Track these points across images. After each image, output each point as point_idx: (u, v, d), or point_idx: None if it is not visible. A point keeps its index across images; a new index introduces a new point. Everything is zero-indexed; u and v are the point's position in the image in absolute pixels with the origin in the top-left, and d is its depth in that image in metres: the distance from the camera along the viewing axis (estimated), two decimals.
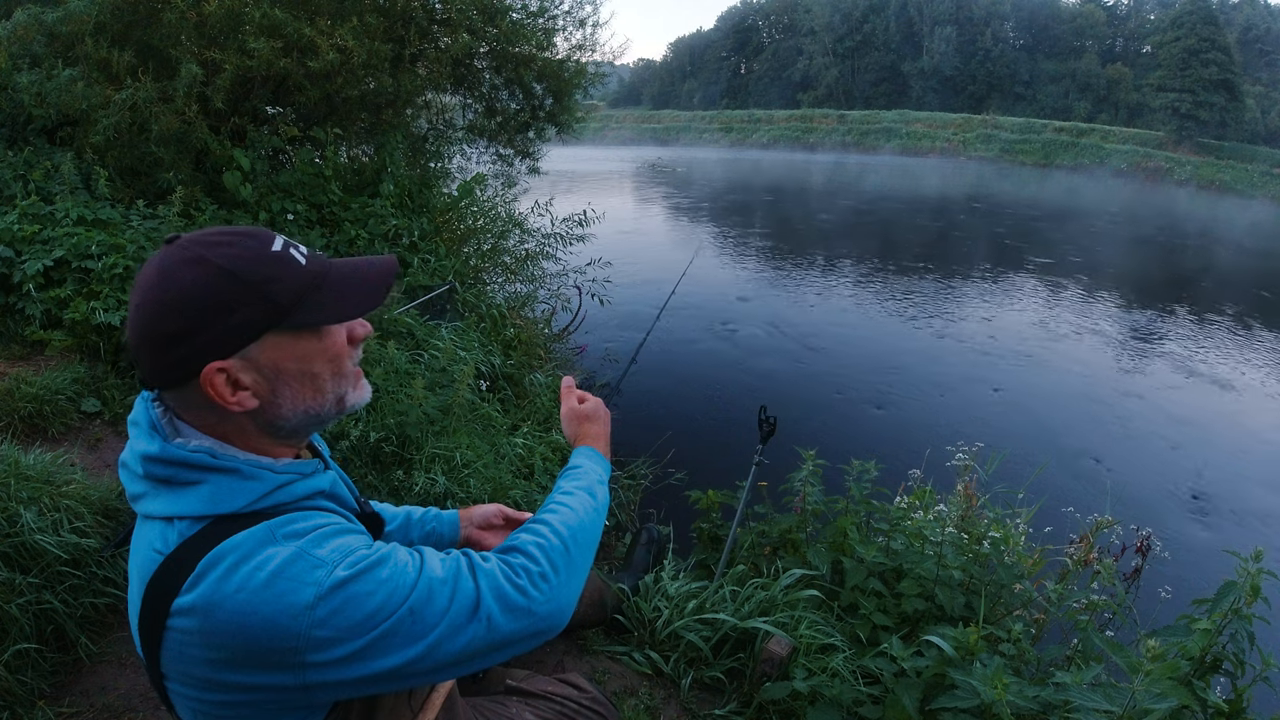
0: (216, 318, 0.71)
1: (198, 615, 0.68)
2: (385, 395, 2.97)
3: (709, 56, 69.01)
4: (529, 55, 5.12)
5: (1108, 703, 1.37)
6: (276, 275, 0.74)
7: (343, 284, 0.79)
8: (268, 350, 0.75)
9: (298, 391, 0.78)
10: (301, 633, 0.67)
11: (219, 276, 0.71)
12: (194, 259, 0.71)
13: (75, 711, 1.72)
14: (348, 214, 4.21)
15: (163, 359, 0.72)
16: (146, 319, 0.71)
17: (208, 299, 0.71)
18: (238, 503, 0.74)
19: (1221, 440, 5.51)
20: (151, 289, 0.71)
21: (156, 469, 0.74)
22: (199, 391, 0.74)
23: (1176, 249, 16.08)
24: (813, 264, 11.06)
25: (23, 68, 3.87)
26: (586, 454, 1.07)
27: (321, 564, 0.70)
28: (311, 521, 0.76)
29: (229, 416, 0.76)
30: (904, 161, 41.43)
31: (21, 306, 3.11)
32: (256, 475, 0.76)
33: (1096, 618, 2.09)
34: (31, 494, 1.94)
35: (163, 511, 0.74)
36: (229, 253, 0.72)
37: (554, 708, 1.27)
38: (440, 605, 0.73)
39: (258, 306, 0.73)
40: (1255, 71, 44.71)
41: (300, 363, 0.77)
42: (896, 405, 5.59)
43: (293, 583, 0.68)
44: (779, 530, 2.45)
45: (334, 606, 0.68)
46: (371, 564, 0.72)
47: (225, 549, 0.70)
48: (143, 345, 0.72)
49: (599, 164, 29.87)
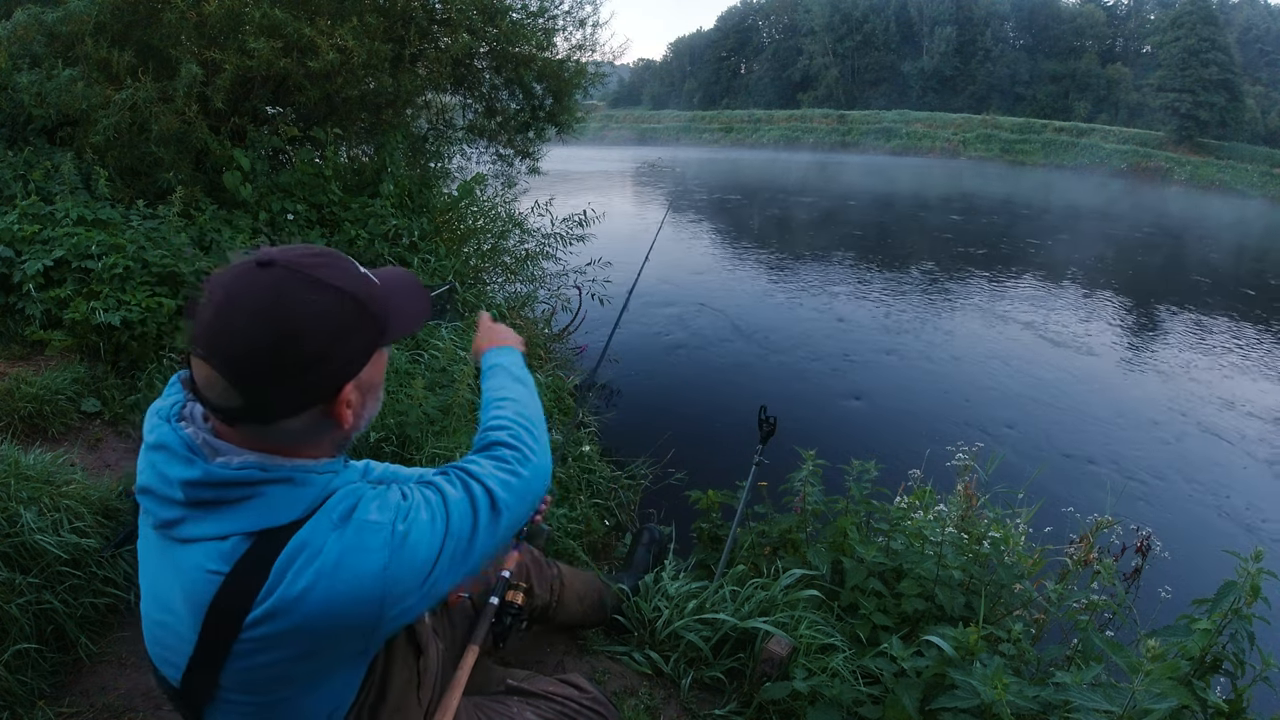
0: (347, 339, 0.73)
1: (279, 620, 0.69)
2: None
3: (709, 56, 68.95)
4: (529, 55, 5.12)
5: (1108, 703, 1.37)
6: (372, 295, 0.76)
7: (402, 298, 0.82)
8: (370, 368, 0.78)
9: (370, 404, 0.83)
10: (380, 596, 0.72)
11: (341, 299, 0.72)
12: (310, 282, 0.70)
13: (75, 711, 1.72)
14: (348, 214, 4.21)
15: (290, 387, 0.70)
16: (271, 344, 0.68)
17: (337, 321, 0.71)
18: (295, 512, 0.74)
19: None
20: (269, 314, 0.68)
21: (202, 493, 0.72)
22: (317, 415, 0.74)
23: (1111, 238, 16.45)
24: (826, 263, 11.03)
25: (23, 68, 3.87)
26: (497, 351, 1.21)
27: (379, 528, 0.74)
28: (350, 496, 0.78)
29: (321, 435, 0.78)
30: (898, 161, 41.40)
31: (21, 306, 3.11)
32: (308, 481, 0.76)
33: (1096, 618, 2.09)
34: (31, 494, 1.94)
35: (213, 533, 0.72)
36: (334, 274, 0.73)
37: (555, 708, 1.27)
38: (471, 520, 0.81)
39: (371, 326, 0.76)
40: (1255, 71, 44.69)
41: (379, 376, 0.83)
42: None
43: (361, 554, 0.72)
44: (779, 530, 2.45)
45: (402, 560, 0.73)
46: (413, 510, 0.77)
47: (292, 551, 0.71)
48: (262, 375, 0.69)
49: (599, 164, 29.87)
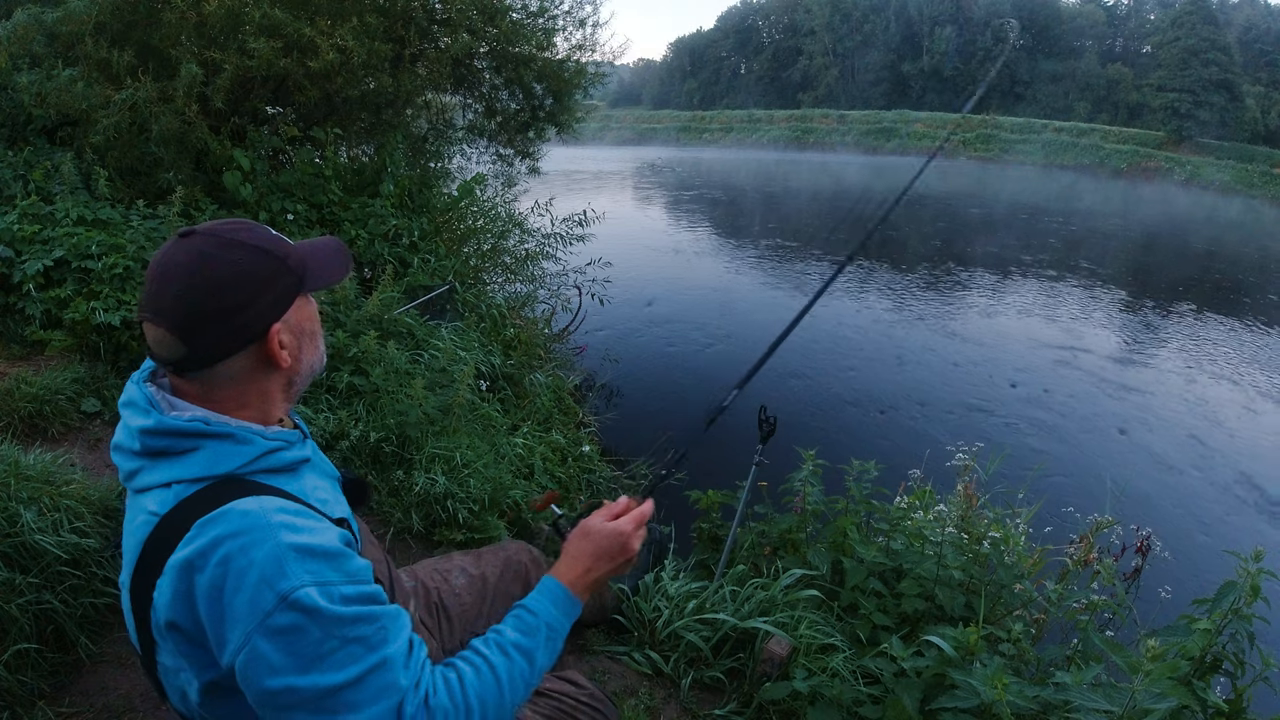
0: (267, 287, 0.82)
1: (190, 572, 0.71)
2: (385, 395, 2.97)
3: (709, 56, 68.96)
4: (529, 55, 5.11)
5: (1108, 703, 1.37)
6: (287, 251, 0.86)
7: (320, 255, 0.91)
8: (294, 313, 0.86)
9: (310, 348, 0.91)
10: (246, 635, 0.69)
11: (258, 254, 0.82)
12: (228, 243, 0.81)
13: (75, 711, 1.72)
14: (348, 214, 4.21)
15: (224, 329, 0.79)
16: (201, 296, 0.78)
17: (257, 272, 0.81)
18: (232, 464, 0.80)
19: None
20: (196, 272, 0.78)
21: (154, 441, 0.79)
22: (251, 356, 0.83)
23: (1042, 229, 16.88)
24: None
25: (23, 68, 3.87)
26: (550, 592, 0.94)
27: (296, 579, 0.71)
28: (313, 536, 0.76)
29: (266, 376, 0.85)
30: (899, 161, 41.45)
31: (21, 306, 3.11)
32: (249, 439, 0.82)
33: (1096, 618, 2.09)
34: (31, 494, 1.94)
35: (160, 480, 0.78)
36: (252, 236, 0.83)
37: (551, 704, 1.27)
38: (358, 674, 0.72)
39: (289, 276, 0.84)
40: (1255, 71, 44.64)
41: (310, 322, 0.90)
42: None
43: (269, 580, 0.70)
44: (779, 530, 2.45)
45: (290, 623, 0.70)
46: (344, 648, 0.72)
47: (216, 516, 0.73)
48: (198, 322, 0.78)
49: (597, 164, 29.85)
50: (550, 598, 0.93)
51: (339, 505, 0.91)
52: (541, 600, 0.93)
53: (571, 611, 0.94)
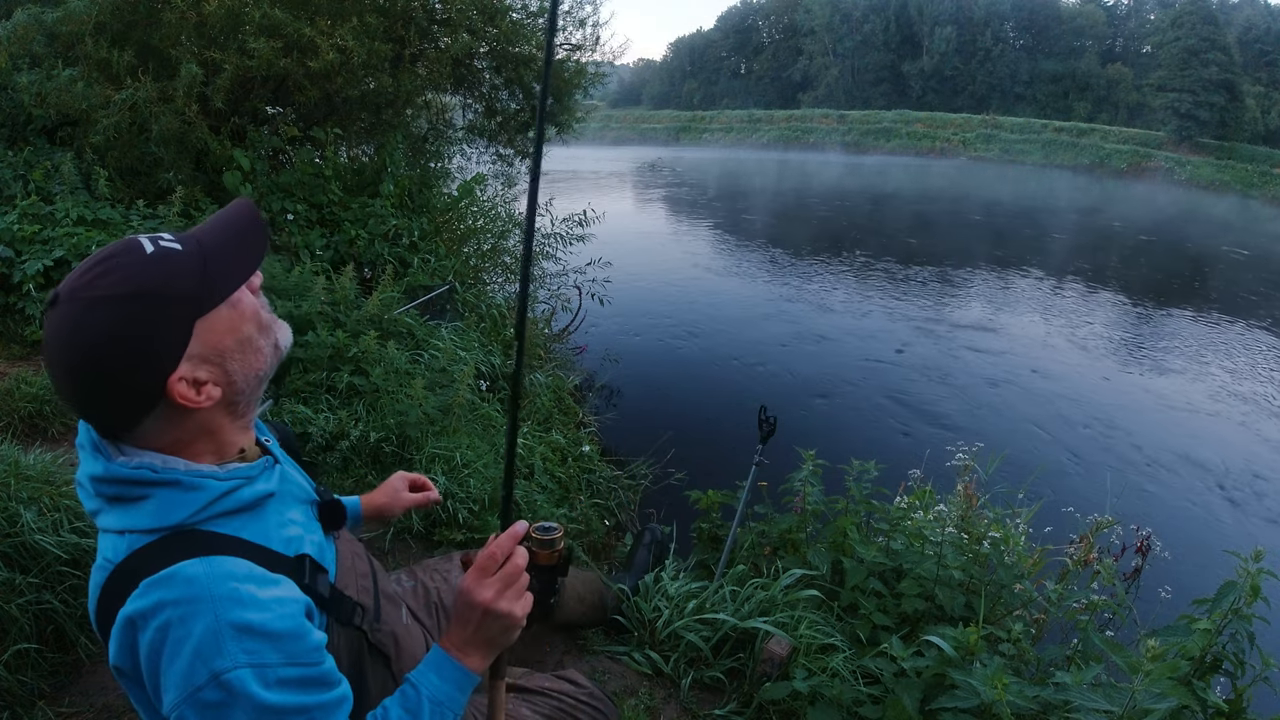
0: (148, 339, 0.72)
1: (133, 629, 0.71)
2: (385, 395, 2.97)
3: (709, 56, 68.94)
4: (529, 55, 5.12)
5: (1108, 703, 1.37)
6: (168, 272, 0.74)
7: (224, 249, 0.79)
8: (202, 340, 0.76)
9: (243, 360, 0.80)
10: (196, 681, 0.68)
11: (125, 304, 0.71)
12: (90, 302, 0.71)
13: (75, 711, 1.72)
14: (348, 214, 4.21)
15: (122, 400, 0.74)
16: (85, 374, 0.71)
17: (130, 329, 0.71)
18: (182, 514, 0.75)
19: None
20: (71, 348, 0.71)
21: (104, 488, 0.76)
22: (164, 411, 0.76)
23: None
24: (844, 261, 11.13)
25: (23, 68, 3.88)
26: (435, 663, 0.87)
27: (230, 660, 0.69)
28: (260, 611, 0.73)
29: (196, 418, 0.78)
30: (898, 161, 41.48)
31: (21, 306, 3.11)
32: (199, 485, 0.77)
33: (1096, 618, 2.09)
34: (31, 494, 1.94)
35: (115, 526, 0.76)
36: (116, 281, 0.72)
37: (551, 703, 1.27)
38: None
39: (173, 308, 0.74)
40: (1255, 71, 44.63)
41: (233, 335, 0.79)
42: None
43: (204, 657, 0.69)
44: (779, 530, 2.45)
45: (217, 700, 0.69)
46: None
47: (172, 580, 0.71)
48: (94, 399, 0.73)
49: (596, 164, 29.86)
50: (435, 669, 0.86)
51: (309, 537, 0.87)
52: (426, 674, 0.86)
53: (462, 680, 0.86)
